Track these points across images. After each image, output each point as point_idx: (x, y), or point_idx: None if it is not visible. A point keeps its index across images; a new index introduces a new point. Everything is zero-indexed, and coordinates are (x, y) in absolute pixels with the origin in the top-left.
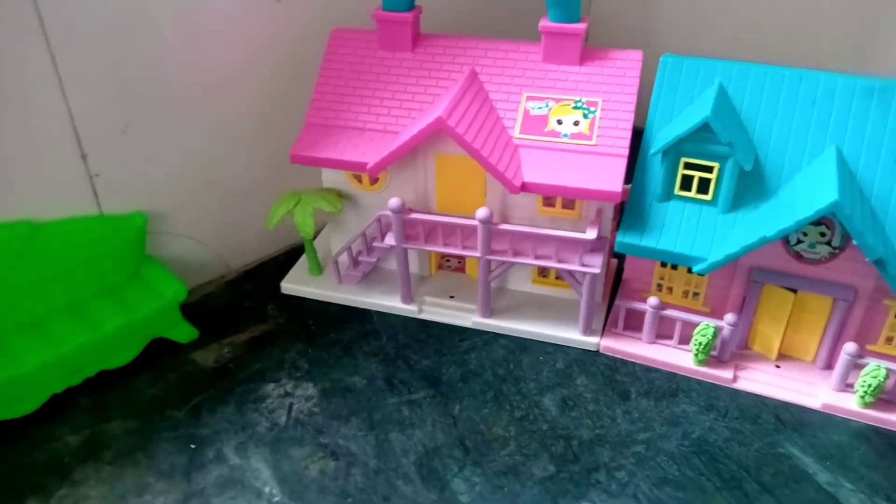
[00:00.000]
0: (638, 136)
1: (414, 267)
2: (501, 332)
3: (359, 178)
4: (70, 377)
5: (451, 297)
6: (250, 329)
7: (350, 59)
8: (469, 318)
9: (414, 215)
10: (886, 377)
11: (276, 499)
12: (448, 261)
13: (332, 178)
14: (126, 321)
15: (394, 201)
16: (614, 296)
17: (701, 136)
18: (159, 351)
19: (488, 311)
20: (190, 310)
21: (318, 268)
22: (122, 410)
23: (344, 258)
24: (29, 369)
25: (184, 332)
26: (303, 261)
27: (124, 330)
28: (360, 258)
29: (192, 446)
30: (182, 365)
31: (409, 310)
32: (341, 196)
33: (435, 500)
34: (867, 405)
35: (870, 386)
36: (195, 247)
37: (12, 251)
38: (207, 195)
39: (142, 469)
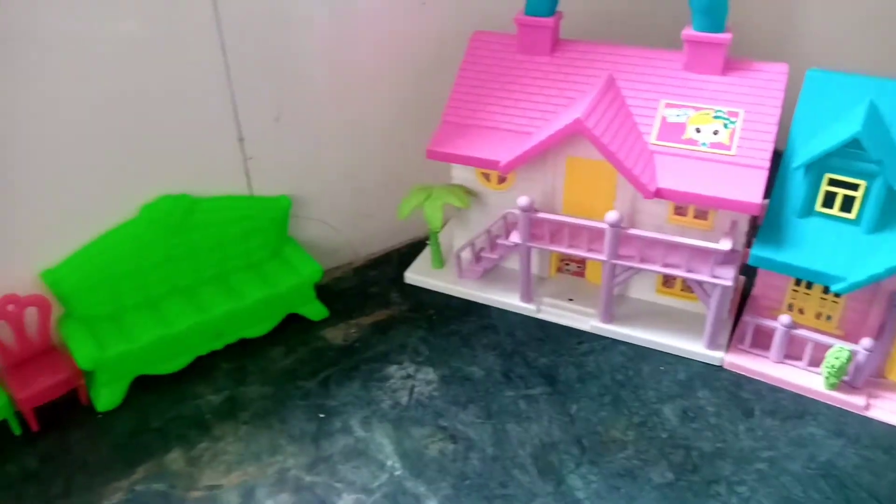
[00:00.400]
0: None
1: (534, 268)
2: (621, 338)
3: (487, 177)
4: (214, 341)
5: (570, 299)
6: (375, 313)
7: (488, 61)
8: (588, 321)
9: (541, 215)
10: None
11: (398, 472)
12: (567, 264)
13: (461, 175)
14: (266, 294)
15: (523, 200)
16: (739, 312)
17: (849, 153)
18: (293, 326)
19: (609, 317)
20: (321, 291)
21: (440, 261)
22: (259, 377)
23: (466, 253)
24: (179, 330)
25: (316, 311)
26: (426, 253)
27: (264, 302)
28: (483, 254)
29: (321, 416)
30: (313, 341)
31: (528, 308)
32: (469, 193)
33: (551, 493)
34: None
35: None
36: (329, 232)
37: (174, 222)
38: (344, 185)
39: (275, 432)
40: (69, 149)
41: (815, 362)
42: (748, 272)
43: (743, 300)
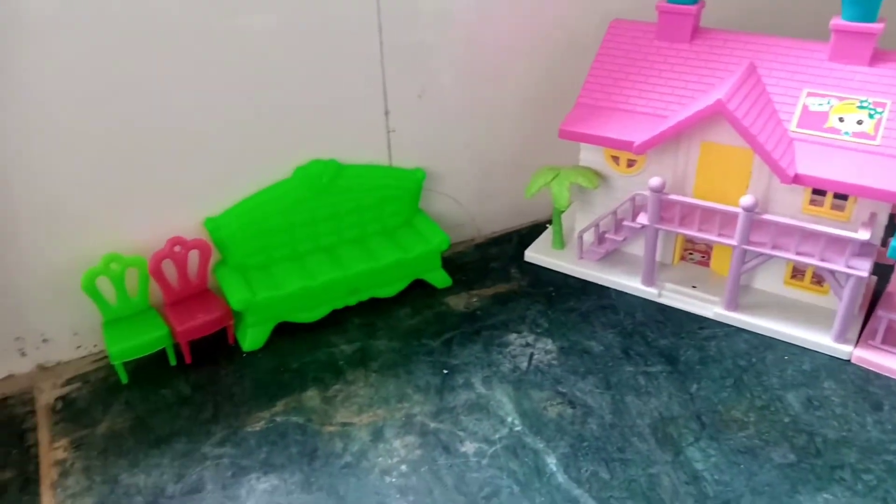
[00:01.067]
0: None
1: (657, 254)
2: (745, 326)
3: (616, 160)
4: (349, 297)
5: (693, 286)
6: (496, 286)
7: (626, 47)
8: (711, 308)
9: (673, 196)
10: None
11: (518, 428)
12: (692, 253)
13: (589, 157)
14: (398, 258)
15: (655, 180)
16: (870, 310)
17: None
18: (418, 292)
19: (734, 304)
20: (444, 262)
21: (560, 242)
22: (387, 333)
23: (589, 235)
24: (320, 283)
25: (440, 278)
26: (546, 235)
27: (396, 265)
28: (607, 236)
29: (445, 371)
30: (437, 305)
31: (649, 292)
32: (597, 175)
33: (669, 462)
34: None
35: None
36: (455, 208)
37: (322, 185)
38: (473, 164)
39: (402, 381)
40: (238, 114)
41: None
42: (880, 272)
43: (874, 300)
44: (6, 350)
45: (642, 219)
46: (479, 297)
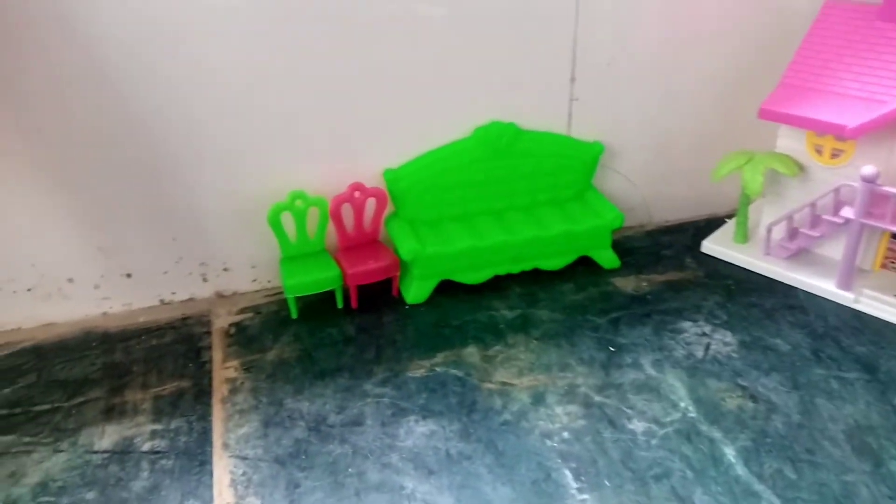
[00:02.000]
0: None
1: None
2: None
3: (819, 150)
4: (512, 264)
5: None
6: (668, 273)
7: (841, 28)
8: None
9: (887, 189)
10: None
11: (692, 414)
12: (893, 262)
13: (788, 145)
14: (567, 229)
15: (868, 169)
16: None
17: None
18: (582, 269)
19: None
20: (612, 244)
21: (744, 235)
22: (549, 304)
23: (779, 230)
24: (487, 245)
25: (608, 258)
26: (726, 228)
27: (564, 237)
28: (802, 230)
29: (612, 349)
30: (603, 285)
31: (844, 296)
32: (796, 163)
33: (867, 472)
34: None
35: None
36: (629, 189)
37: (500, 147)
38: (653, 142)
39: (564, 352)
40: (426, 72)
41: None
42: None
43: None
44: (191, 273)
45: (847, 212)
46: (650, 282)
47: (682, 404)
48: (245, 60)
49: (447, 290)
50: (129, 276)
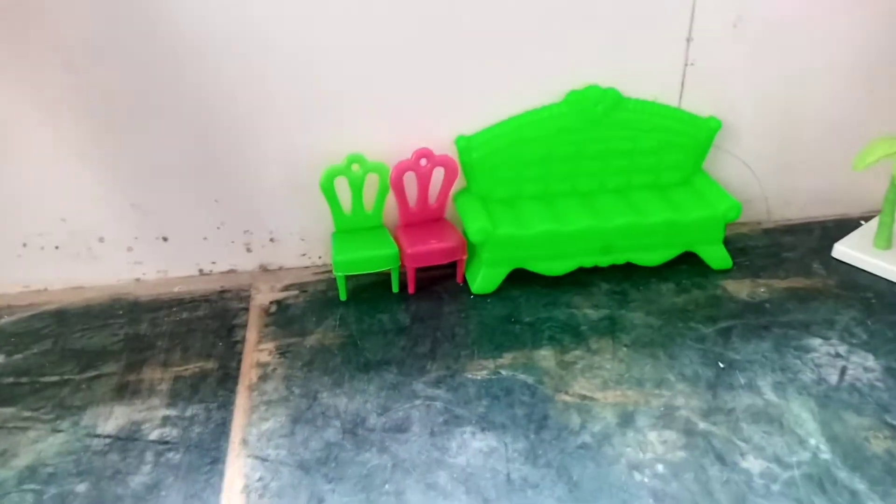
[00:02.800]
0: None
1: None
2: None
3: None
4: (600, 255)
5: None
6: (790, 279)
7: None
8: None
9: None
10: None
11: (825, 456)
12: None
13: None
14: (670, 219)
15: None
16: None
17: None
18: (685, 268)
19: None
20: (723, 241)
21: (887, 239)
22: (643, 306)
23: None
24: (571, 230)
25: (718, 256)
26: (864, 230)
27: (665, 227)
28: None
29: (721, 365)
30: (710, 288)
31: None
32: None
33: None
34: None
35: None
36: (746, 177)
37: (595, 115)
38: (779, 122)
39: (661, 364)
40: (513, 21)
41: None
42: None
43: None
44: (234, 242)
45: None
46: (769, 289)
47: (812, 441)
48: (308, 13)
49: (521, 280)
50: (164, 239)
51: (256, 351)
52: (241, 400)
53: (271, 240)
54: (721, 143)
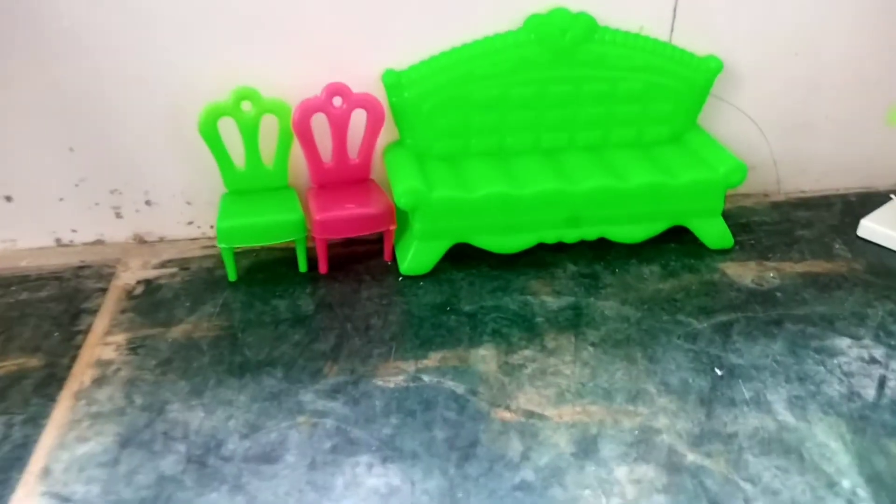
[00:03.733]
0: None
1: None
2: None
3: None
4: (566, 228)
5: None
6: (808, 262)
7: None
8: None
9: None
10: None
11: None
12: None
13: None
14: (657, 182)
15: None
16: None
17: None
18: (673, 247)
19: None
20: (723, 216)
21: None
22: (619, 292)
23: None
24: (528, 194)
25: (716, 233)
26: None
27: (651, 194)
28: None
29: (718, 372)
30: (706, 271)
31: None
32: None
33: None
34: None
35: None
36: (750, 135)
37: (562, 46)
38: (797, 69)
39: (638, 370)
40: None
41: None
42: None
43: None
44: (98, 204)
45: None
46: (780, 273)
47: (846, 483)
48: None
49: (466, 260)
50: (8, 199)
51: (101, 345)
52: (60, 412)
53: (147, 202)
54: (720, 91)
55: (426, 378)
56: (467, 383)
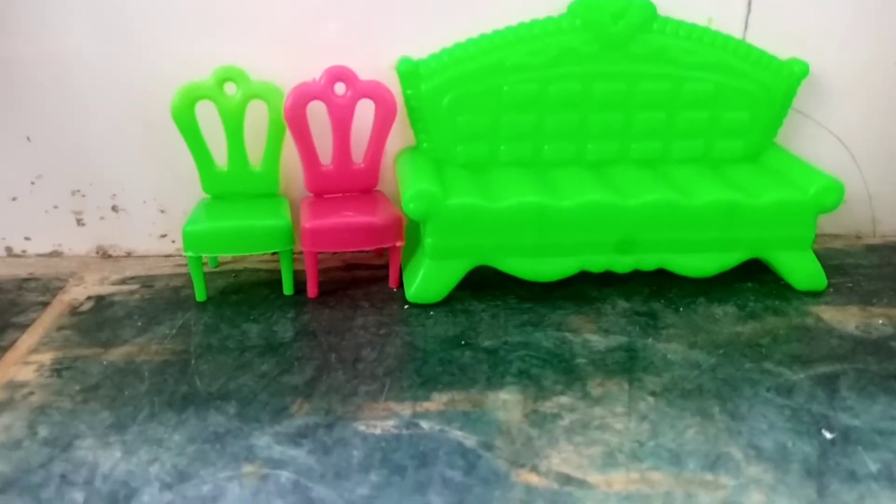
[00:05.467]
0: None
1: None
2: None
3: None
4: (616, 254)
5: None
6: None
7: None
8: None
9: None
10: None
11: None
12: None
13: None
14: (730, 200)
15: None
16: None
17: None
18: (751, 286)
19: None
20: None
21: None
22: (686, 335)
23: None
24: (568, 207)
25: (806, 270)
26: None
27: (722, 214)
28: None
29: (827, 435)
30: (794, 315)
31: None
32: None
33: None
34: None
35: None
36: (841, 163)
37: (612, 35)
38: (890, 80)
39: (718, 427)
40: None
41: None
42: None
43: None
44: (57, 207)
45: None
46: (891, 321)
47: None
48: None
49: (487, 288)
50: None
51: (19, 364)
52: None
53: (114, 208)
54: (801, 104)
55: (425, 424)
56: (481, 434)
